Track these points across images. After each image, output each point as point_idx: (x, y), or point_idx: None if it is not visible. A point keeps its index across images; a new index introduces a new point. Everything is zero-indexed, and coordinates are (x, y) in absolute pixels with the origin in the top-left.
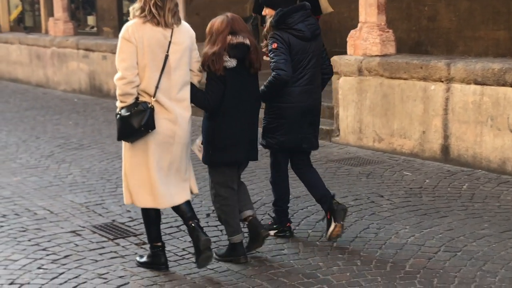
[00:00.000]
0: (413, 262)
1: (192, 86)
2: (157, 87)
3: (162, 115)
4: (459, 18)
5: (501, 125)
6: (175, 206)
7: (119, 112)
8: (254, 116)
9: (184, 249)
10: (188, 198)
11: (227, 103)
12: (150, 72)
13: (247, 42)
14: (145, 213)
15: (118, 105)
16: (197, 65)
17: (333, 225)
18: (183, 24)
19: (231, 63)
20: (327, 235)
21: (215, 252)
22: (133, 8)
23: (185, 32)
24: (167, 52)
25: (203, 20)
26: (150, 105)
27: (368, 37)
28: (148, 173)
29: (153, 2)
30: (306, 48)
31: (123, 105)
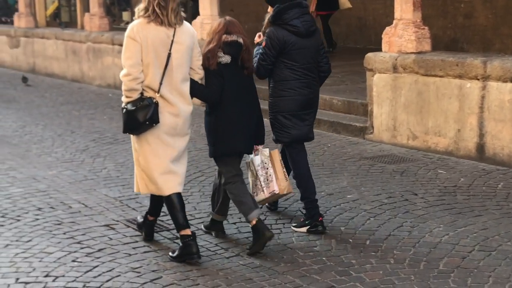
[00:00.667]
0: (447, 261)
1: (195, 82)
2: (161, 83)
3: (166, 109)
4: (496, 15)
5: None
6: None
7: (125, 107)
8: (252, 110)
9: (216, 245)
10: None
11: (224, 97)
12: (154, 69)
13: (240, 40)
14: (167, 201)
15: (124, 100)
16: (199, 63)
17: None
18: (185, 24)
19: (225, 59)
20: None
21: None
22: (138, 9)
23: (186, 31)
24: (169, 50)
25: (237, 16)
26: (154, 100)
27: (403, 34)
28: (154, 161)
29: (156, 2)
30: (302, 44)
31: (128, 100)
